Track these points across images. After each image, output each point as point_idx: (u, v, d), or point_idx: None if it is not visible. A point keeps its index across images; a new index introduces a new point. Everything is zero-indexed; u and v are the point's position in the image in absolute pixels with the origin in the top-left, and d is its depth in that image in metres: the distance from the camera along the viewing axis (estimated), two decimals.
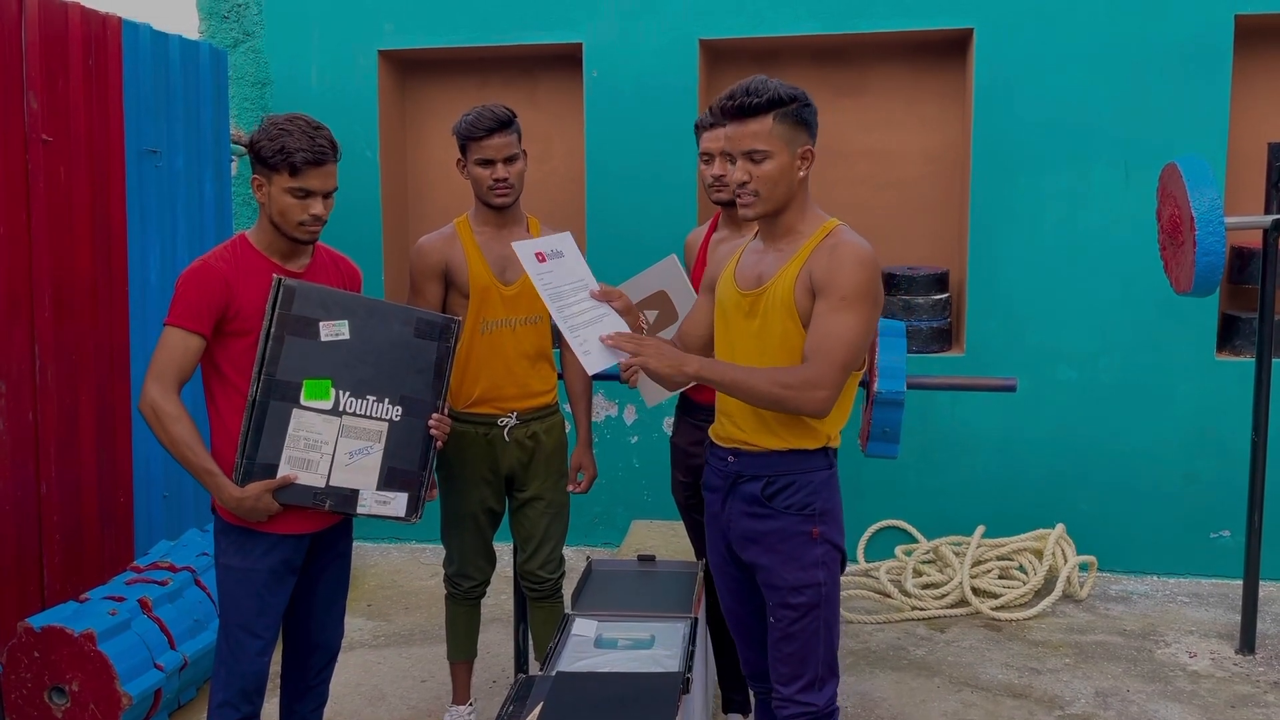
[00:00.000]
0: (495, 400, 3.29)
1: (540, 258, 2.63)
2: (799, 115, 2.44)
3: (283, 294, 2.58)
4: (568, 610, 3.02)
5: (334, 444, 2.64)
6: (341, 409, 2.65)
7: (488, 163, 3.18)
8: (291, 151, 2.56)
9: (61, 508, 3.77)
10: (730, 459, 2.57)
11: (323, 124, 2.64)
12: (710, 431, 2.69)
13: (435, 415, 2.78)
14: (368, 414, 2.68)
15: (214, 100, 4.75)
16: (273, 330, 2.57)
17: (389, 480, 2.71)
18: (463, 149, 3.23)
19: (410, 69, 5.70)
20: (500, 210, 3.25)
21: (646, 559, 3.34)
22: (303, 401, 2.61)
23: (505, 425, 3.30)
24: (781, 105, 2.42)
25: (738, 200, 2.51)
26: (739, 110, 2.43)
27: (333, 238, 2.91)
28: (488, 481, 3.34)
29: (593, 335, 2.55)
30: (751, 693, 2.85)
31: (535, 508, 3.39)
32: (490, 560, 3.48)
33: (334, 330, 2.63)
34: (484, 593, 3.51)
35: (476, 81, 5.64)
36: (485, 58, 5.54)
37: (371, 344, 2.68)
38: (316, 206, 2.62)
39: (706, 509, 2.70)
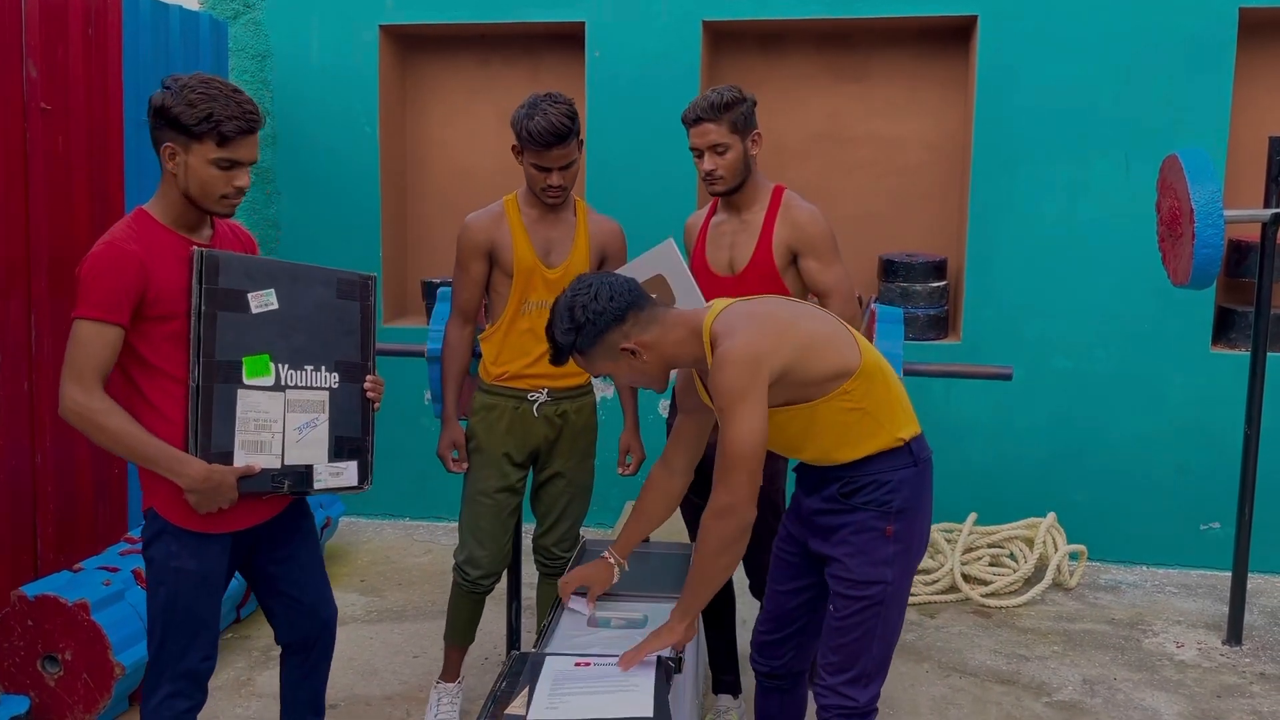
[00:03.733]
0: (528, 376, 3.30)
1: None
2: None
3: (206, 266, 2.43)
4: None
5: (282, 420, 2.55)
6: (284, 383, 2.56)
7: (544, 169, 3.16)
8: (221, 120, 2.34)
9: (56, 478, 3.77)
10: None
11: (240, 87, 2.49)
12: None
13: (370, 377, 2.70)
14: (309, 384, 2.60)
15: (213, 72, 4.73)
16: (203, 308, 2.41)
17: (338, 450, 2.64)
18: (521, 142, 3.17)
19: (412, 45, 5.67)
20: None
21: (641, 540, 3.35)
22: (245, 381, 2.49)
23: (535, 400, 3.31)
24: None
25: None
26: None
27: (333, 214, 2.89)
28: (510, 457, 3.33)
29: None
30: (756, 676, 2.78)
31: (556, 485, 3.40)
32: (502, 552, 3.38)
33: (262, 300, 2.52)
34: (490, 588, 3.39)
35: (478, 59, 5.62)
36: (487, 35, 5.52)
37: (299, 310, 2.58)
38: (242, 178, 2.42)
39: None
